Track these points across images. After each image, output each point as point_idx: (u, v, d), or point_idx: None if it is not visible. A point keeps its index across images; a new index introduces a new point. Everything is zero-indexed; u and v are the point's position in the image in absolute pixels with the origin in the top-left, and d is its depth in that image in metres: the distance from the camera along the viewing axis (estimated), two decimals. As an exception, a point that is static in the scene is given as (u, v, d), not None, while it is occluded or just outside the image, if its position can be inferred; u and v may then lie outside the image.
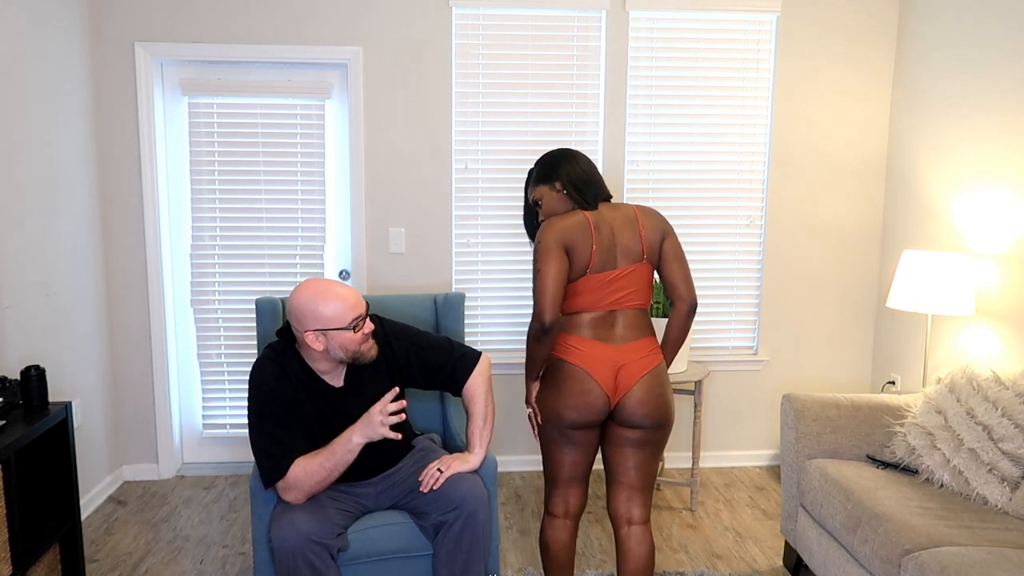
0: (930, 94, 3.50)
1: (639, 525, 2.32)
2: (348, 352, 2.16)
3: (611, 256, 2.23)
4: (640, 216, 2.29)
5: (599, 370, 2.19)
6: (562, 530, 2.36)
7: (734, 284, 3.91)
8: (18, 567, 2.32)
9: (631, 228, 2.26)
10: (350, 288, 2.19)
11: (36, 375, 2.53)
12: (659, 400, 2.23)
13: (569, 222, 2.22)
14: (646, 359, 2.23)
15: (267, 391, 2.15)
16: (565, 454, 2.29)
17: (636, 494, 2.32)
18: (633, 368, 2.21)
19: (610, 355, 2.21)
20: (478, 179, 3.73)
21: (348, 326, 2.13)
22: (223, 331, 3.75)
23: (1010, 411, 2.45)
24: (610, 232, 2.24)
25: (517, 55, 3.66)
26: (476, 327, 3.82)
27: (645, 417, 2.22)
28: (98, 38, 3.49)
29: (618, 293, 2.24)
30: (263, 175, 3.68)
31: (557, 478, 2.33)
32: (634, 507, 2.32)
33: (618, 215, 2.28)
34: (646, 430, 2.24)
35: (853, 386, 4.02)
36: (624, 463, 2.30)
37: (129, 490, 3.63)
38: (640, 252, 2.26)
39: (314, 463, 2.12)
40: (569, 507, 2.35)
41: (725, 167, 3.81)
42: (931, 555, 2.06)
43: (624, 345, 2.22)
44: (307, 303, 2.12)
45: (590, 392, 2.19)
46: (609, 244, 2.23)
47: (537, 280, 2.18)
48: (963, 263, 3.02)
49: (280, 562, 2.05)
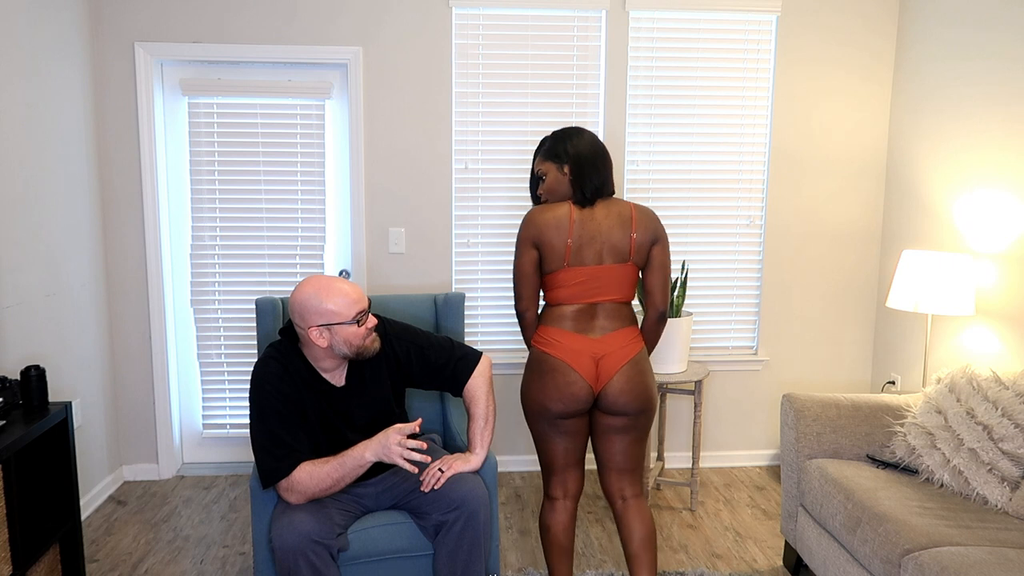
0: (930, 94, 3.50)
1: (633, 499, 2.40)
2: (352, 347, 2.16)
3: (593, 252, 2.29)
4: (636, 217, 2.32)
5: (580, 362, 2.27)
6: (562, 512, 2.42)
7: (734, 284, 3.91)
8: (18, 567, 2.32)
9: (623, 228, 2.30)
10: (352, 283, 2.20)
11: (36, 375, 2.53)
12: (640, 388, 2.29)
13: (547, 216, 2.30)
14: (626, 348, 2.30)
15: (270, 390, 2.15)
16: (557, 443, 2.36)
17: (625, 475, 2.40)
18: (613, 358, 2.28)
19: (590, 346, 2.28)
20: (478, 179, 3.73)
21: (352, 320, 2.13)
22: (223, 331, 3.75)
23: (1010, 411, 2.45)
24: (596, 229, 2.29)
25: (517, 55, 3.66)
26: (476, 327, 3.82)
27: (627, 404, 2.28)
28: (98, 38, 3.49)
29: (599, 288, 2.30)
30: (263, 175, 3.68)
31: (553, 465, 2.40)
32: (625, 484, 2.40)
33: (612, 213, 2.31)
34: (628, 416, 2.31)
35: (853, 386, 4.02)
36: (611, 449, 2.38)
37: (129, 490, 3.63)
38: (627, 252, 2.31)
39: (322, 471, 2.11)
40: (568, 489, 2.42)
41: (725, 167, 3.81)
42: (931, 555, 2.06)
43: (604, 336, 2.30)
44: (310, 299, 2.13)
45: (574, 383, 2.26)
46: (591, 240, 2.28)
47: (513, 270, 2.37)
48: (963, 263, 3.02)
49: (280, 562, 2.05)
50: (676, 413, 3.95)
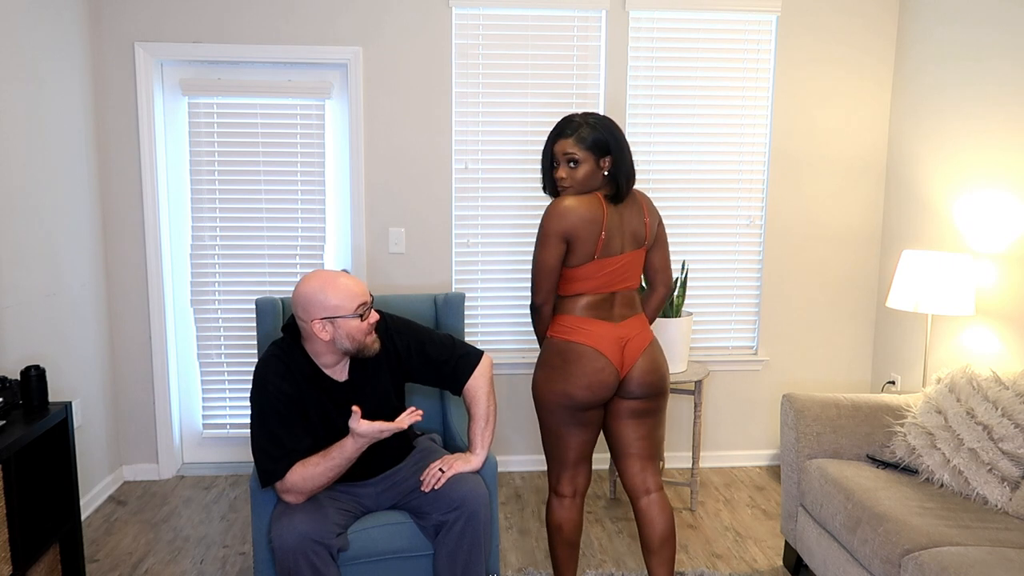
0: (930, 94, 3.50)
1: (657, 492, 2.38)
2: (354, 342, 2.17)
3: (618, 243, 2.27)
4: (643, 202, 2.36)
5: (607, 346, 2.26)
6: (571, 509, 2.41)
7: (734, 284, 3.91)
8: (18, 567, 2.32)
9: (639, 215, 2.32)
10: (355, 278, 2.21)
11: (36, 375, 2.53)
12: (661, 369, 2.33)
13: (580, 210, 2.21)
14: (644, 332, 2.34)
15: (272, 390, 2.15)
16: (573, 436, 2.33)
17: (648, 463, 2.37)
18: (636, 342, 2.30)
19: (615, 331, 2.28)
20: (478, 179, 3.73)
21: (355, 314, 2.14)
22: (223, 331, 3.75)
23: (1010, 411, 2.45)
24: (620, 221, 2.28)
25: (517, 55, 3.66)
26: (476, 327, 3.82)
27: (650, 386, 2.30)
28: (98, 38, 3.49)
29: (619, 277, 2.30)
30: (263, 175, 3.68)
31: (565, 460, 2.36)
32: (648, 476, 2.37)
33: (628, 202, 2.32)
34: (647, 399, 2.32)
35: (853, 386, 4.02)
36: (631, 435, 2.35)
37: (129, 490, 3.63)
38: (643, 237, 2.33)
39: (313, 471, 2.11)
40: (577, 486, 2.40)
41: (725, 167, 3.81)
42: (931, 555, 2.06)
43: (623, 322, 2.31)
44: (315, 292, 2.13)
45: (602, 370, 2.25)
46: (618, 232, 2.27)
47: (535, 263, 2.27)
48: (963, 263, 3.02)
49: (280, 562, 2.05)
50: (676, 413, 3.95)
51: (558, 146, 2.27)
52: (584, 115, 2.28)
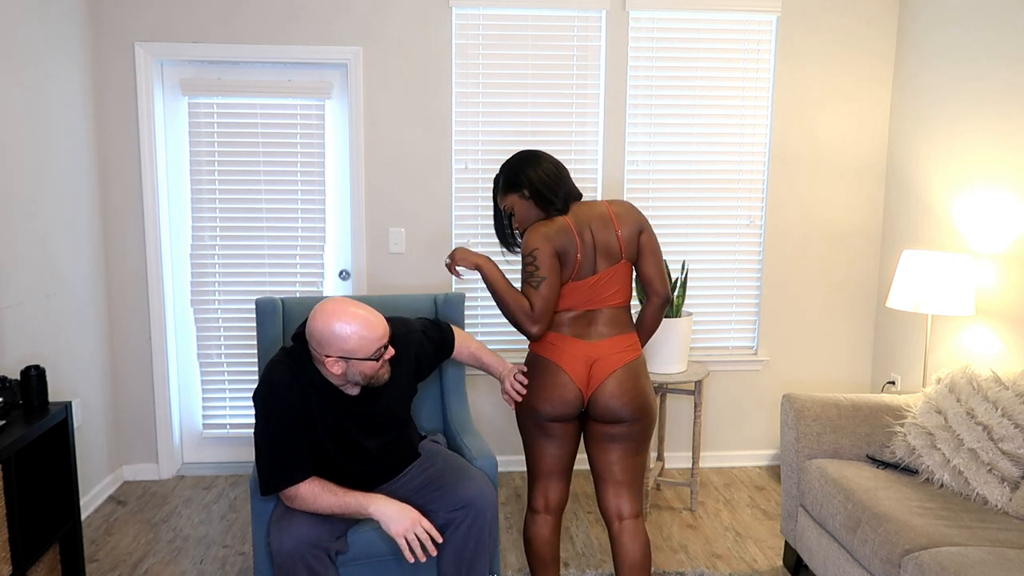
0: (930, 94, 3.50)
1: (630, 520, 2.31)
2: (366, 378, 2.14)
3: (592, 260, 2.24)
4: (614, 214, 2.27)
5: (572, 364, 2.22)
6: (543, 525, 2.37)
7: (734, 284, 3.91)
8: (18, 567, 2.32)
9: (607, 228, 2.25)
10: (375, 314, 2.13)
11: (36, 375, 2.53)
12: (633, 392, 2.23)
13: (554, 229, 2.21)
14: (622, 354, 2.24)
15: (278, 398, 2.11)
16: (544, 447, 2.32)
17: (623, 489, 2.31)
18: (607, 363, 2.22)
19: (584, 350, 2.23)
20: (478, 179, 3.73)
21: (371, 357, 2.11)
22: (223, 331, 3.75)
23: (1010, 411, 2.45)
24: (590, 235, 2.24)
25: (517, 55, 3.66)
26: (476, 327, 3.82)
27: (620, 408, 2.22)
28: (98, 38, 3.49)
29: (599, 295, 2.25)
30: (263, 175, 3.68)
31: (538, 471, 2.36)
32: (623, 502, 2.31)
33: (594, 215, 2.26)
34: (624, 424, 2.25)
35: (853, 386, 4.02)
36: (606, 458, 2.30)
37: (129, 490, 3.63)
38: (619, 252, 2.26)
39: (328, 498, 2.10)
40: (549, 501, 2.36)
41: (725, 167, 3.81)
42: (931, 555, 2.06)
43: (600, 341, 2.24)
44: (334, 332, 2.06)
45: (563, 386, 2.22)
46: (590, 248, 2.23)
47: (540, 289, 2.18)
48: (963, 263, 3.02)
49: (279, 567, 2.05)
50: (676, 413, 3.95)
51: (498, 207, 2.38)
52: (498, 173, 2.38)
